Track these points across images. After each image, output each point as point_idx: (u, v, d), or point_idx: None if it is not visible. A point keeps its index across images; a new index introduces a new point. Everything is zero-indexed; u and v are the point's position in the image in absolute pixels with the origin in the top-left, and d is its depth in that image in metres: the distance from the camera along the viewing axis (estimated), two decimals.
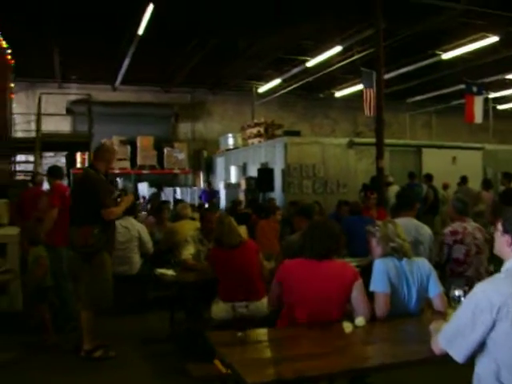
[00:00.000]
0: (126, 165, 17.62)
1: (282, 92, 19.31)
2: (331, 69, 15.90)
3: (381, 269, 3.36)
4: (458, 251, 4.74)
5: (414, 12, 11.23)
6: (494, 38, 12.51)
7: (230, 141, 17.89)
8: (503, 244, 2.40)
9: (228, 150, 17.96)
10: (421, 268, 3.47)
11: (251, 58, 15.22)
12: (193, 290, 5.32)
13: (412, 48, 13.91)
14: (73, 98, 17.46)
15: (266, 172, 13.52)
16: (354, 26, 12.48)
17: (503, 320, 2.22)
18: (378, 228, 3.56)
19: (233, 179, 16.58)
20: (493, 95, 18.54)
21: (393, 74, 15.55)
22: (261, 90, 19.11)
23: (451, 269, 4.79)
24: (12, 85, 13.96)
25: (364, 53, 13.85)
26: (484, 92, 15.52)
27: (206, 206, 12.20)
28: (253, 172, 14.69)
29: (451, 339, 2.38)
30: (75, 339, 5.08)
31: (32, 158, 11.33)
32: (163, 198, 14.28)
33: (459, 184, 12.34)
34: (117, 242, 5.73)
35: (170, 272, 5.46)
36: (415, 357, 2.69)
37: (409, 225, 4.70)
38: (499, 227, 2.43)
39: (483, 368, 2.33)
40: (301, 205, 6.44)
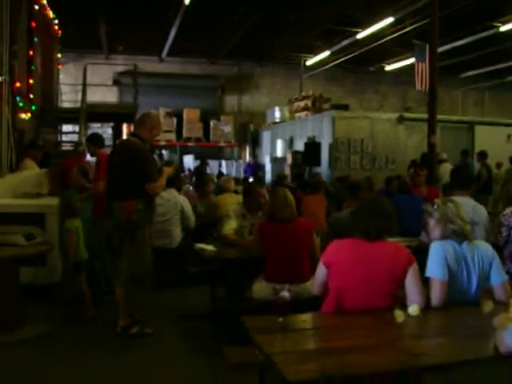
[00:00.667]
0: (172, 137, 17.67)
1: (330, 65, 18.82)
2: (382, 41, 15.40)
3: (439, 253, 3.02)
4: None
5: None
6: None
7: (277, 114, 17.71)
8: None
9: (275, 124, 17.75)
10: (483, 253, 3.11)
11: (300, 30, 14.83)
12: (234, 266, 5.08)
13: (468, 19, 13.31)
14: (119, 70, 17.52)
15: (313, 146, 13.30)
16: None
17: None
18: (437, 207, 3.22)
19: (279, 153, 16.42)
20: None
21: (446, 47, 14.81)
22: (309, 63, 18.70)
23: (510, 251, 4.45)
24: (59, 55, 14.02)
25: (416, 24, 13.38)
26: None
27: (251, 180, 12.01)
28: (299, 146, 14.45)
29: None
30: (113, 313, 4.95)
31: (78, 129, 11.34)
32: (208, 171, 14.21)
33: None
34: (157, 215, 5.49)
35: (210, 247, 5.23)
36: (477, 355, 2.38)
37: (466, 205, 4.32)
38: None
39: None
40: (349, 181, 6.15)
